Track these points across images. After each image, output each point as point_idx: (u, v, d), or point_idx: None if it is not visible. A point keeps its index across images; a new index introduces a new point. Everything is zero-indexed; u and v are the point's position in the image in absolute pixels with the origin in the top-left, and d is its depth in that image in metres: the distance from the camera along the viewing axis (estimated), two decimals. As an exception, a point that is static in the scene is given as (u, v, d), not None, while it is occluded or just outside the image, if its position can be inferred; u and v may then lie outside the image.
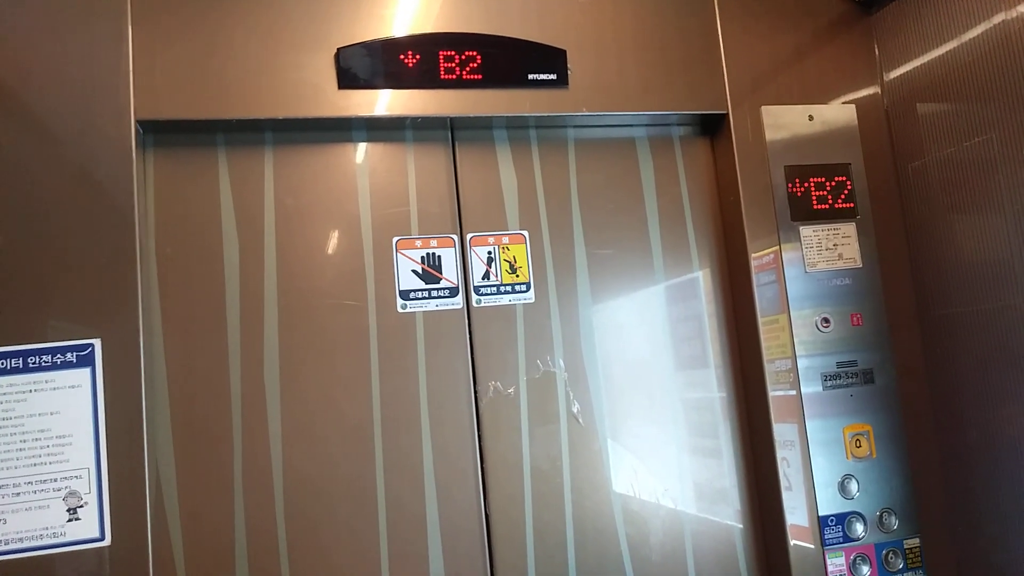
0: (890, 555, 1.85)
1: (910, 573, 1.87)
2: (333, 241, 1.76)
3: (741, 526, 1.92)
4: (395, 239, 1.80)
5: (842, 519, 1.84)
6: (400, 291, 1.78)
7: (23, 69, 1.53)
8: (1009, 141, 1.70)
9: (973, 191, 1.81)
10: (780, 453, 1.85)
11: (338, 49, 1.72)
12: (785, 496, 1.84)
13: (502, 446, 1.79)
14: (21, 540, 1.42)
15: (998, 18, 1.71)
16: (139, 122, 1.59)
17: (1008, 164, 1.71)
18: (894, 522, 1.86)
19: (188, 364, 1.64)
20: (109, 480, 1.47)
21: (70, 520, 1.44)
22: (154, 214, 1.67)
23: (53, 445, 1.46)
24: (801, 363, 1.86)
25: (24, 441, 1.45)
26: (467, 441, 1.77)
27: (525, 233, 1.88)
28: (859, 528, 1.84)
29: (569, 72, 1.85)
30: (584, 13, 1.89)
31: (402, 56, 1.75)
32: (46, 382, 1.47)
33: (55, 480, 1.45)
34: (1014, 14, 1.67)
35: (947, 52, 1.85)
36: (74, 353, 1.48)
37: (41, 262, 1.49)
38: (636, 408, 1.89)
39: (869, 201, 1.98)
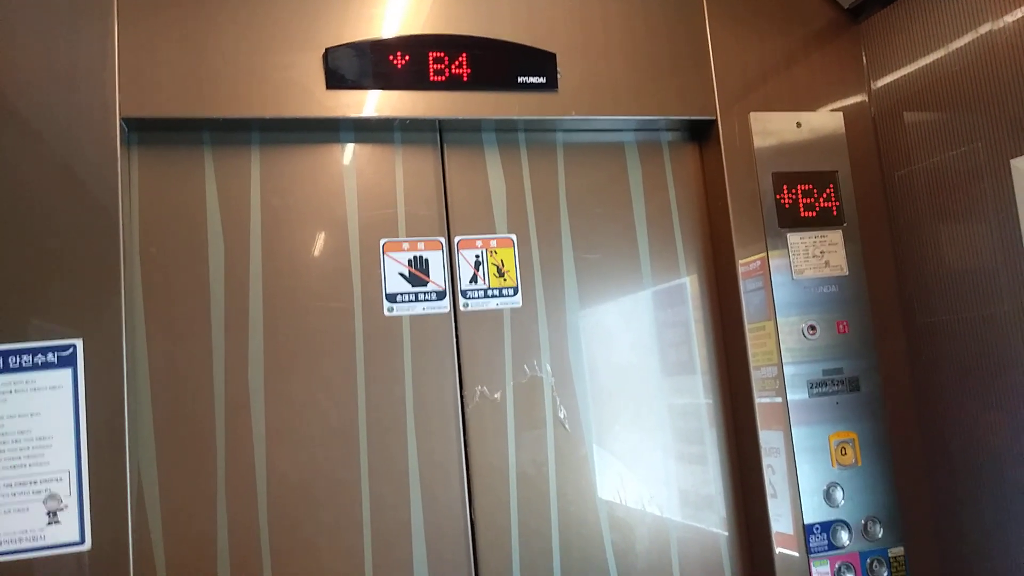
0: (875, 563, 1.85)
1: (894, 581, 1.88)
2: (319, 242, 1.75)
3: (727, 533, 1.91)
4: (382, 241, 1.79)
5: (827, 527, 1.84)
6: (387, 294, 1.77)
7: (7, 65, 1.51)
8: (994, 150, 1.71)
9: (959, 200, 1.82)
10: (766, 460, 1.85)
11: (326, 49, 1.70)
12: (770, 503, 1.84)
13: (488, 451, 1.78)
14: (-1, 543, 1.40)
15: (984, 28, 1.72)
16: (124, 119, 1.57)
17: (993, 173, 1.72)
18: (879, 530, 1.86)
19: (171, 365, 1.62)
20: (90, 483, 1.44)
21: (50, 523, 1.42)
22: (139, 213, 1.65)
23: (33, 447, 1.43)
24: (787, 370, 1.86)
25: (3, 443, 1.42)
26: (453, 446, 1.76)
27: (513, 237, 1.88)
28: (844, 536, 1.84)
29: (559, 75, 1.84)
30: (574, 17, 1.88)
31: (391, 57, 1.74)
32: (26, 383, 1.44)
33: (35, 483, 1.43)
34: (1000, 24, 1.68)
35: (934, 61, 1.86)
36: (55, 353, 1.46)
37: (23, 260, 1.47)
38: (622, 414, 1.89)
39: (856, 209, 1.99)
